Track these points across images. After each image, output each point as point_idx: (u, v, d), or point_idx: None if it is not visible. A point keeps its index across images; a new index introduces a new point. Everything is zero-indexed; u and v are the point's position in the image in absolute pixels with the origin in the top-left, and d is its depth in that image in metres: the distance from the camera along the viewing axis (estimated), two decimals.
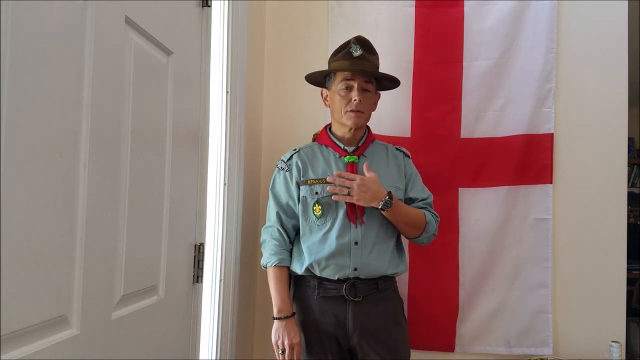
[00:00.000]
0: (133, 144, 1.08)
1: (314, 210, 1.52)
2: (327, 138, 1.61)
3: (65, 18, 0.85)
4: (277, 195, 1.59)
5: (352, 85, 1.52)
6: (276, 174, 1.62)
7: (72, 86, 0.88)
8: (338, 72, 1.54)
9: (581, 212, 1.87)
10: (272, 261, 1.53)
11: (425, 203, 1.61)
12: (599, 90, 1.87)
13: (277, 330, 1.46)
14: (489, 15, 1.92)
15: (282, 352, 1.45)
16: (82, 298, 0.91)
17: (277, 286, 1.51)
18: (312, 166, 1.57)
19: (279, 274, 1.52)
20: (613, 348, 1.73)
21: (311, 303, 1.52)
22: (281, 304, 1.48)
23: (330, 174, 1.52)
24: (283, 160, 1.61)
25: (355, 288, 1.48)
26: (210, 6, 1.49)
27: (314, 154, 1.60)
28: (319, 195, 1.52)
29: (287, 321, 1.47)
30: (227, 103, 1.65)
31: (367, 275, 1.49)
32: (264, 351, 2.01)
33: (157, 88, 1.21)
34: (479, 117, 1.93)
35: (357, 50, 1.52)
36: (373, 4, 1.98)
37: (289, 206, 1.57)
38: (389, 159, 1.62)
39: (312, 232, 1.52)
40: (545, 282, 1.87)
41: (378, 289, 1.51)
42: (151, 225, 1.19)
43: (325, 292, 1.50)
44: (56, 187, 0.84)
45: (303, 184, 1.55)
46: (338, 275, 1.48)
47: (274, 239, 1.56)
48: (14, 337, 0.76)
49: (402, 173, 1.61)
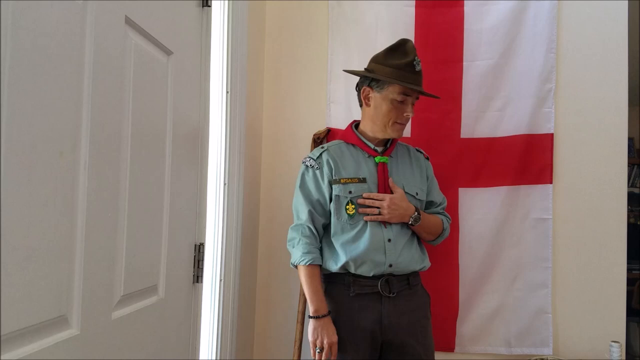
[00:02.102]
0: (133, 143, 1.08)
1: (347, 209, 1.52)
2: (355, 137, 1.60)
3: (65, 18, 0.85)
4: (307, 192, 1.57)
5: (409, 101, 1.52)
6: (304, 172, 1.59)
7: (72, 86, 0.88)
8: (401, 84, 1.50)
9: (581, 212, 1.87)
10: (305, 259, 1.51)
11: (442, 207, 1.68)
12: (599, 90, 1.87)
13: (315, 329, 1.46)
14: (489, 15, 1.92)
15: (319, 351, 1.45)
16: (82, 298, 0.91)
17: (312, 285, 1.50)
18: (342, 165, 1.56)
19: (312, 273, 1.51)
20: (613, 348, 1.73)
21: (346, 300, 1.52)
22: (318, 303, 1.48)
23: (360, 174, 1.53)
24: (312, 157, 1.59)
25: (389, 284, 1.50)
26: (210, 6, 1.49)
27: (342, 152, 1.59)
28: (352, 194, 1.52)
29: (324, 320, 1.47)
30: (227, 103, 1.65)
31: (400, 271, 1.51)
32: (264, 351, 2.02)
33: (157, 88, 1.21)
34: (479, 117, 1.93)
35: (418, 65, 1.51)
36: (373, 4, 1.98)
37: (320, 204, 1.55)
38: (412, 160, 1.64)
39: (344, 231, 1.52)
40: (545, 282, 1.87)
41: (409, 284, 1.54)
42: (151, 225, 1.19)
43: (360, 289, 1.50)
44: (56, 187, 0.84)
45: (336, 182, 1.54)
46: (374, 272, 1.49)
47: (305, 237, 1.54)
48: (14, 337, 0.76)
49: (424, 175, 1.64)
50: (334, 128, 1.98)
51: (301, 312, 1.88)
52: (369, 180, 1.53)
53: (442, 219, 1.64)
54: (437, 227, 1.61)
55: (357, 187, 1.52)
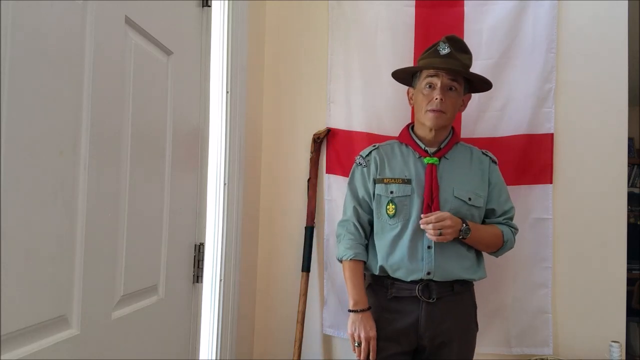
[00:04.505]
0: (133, 143, 1.08)
1: (387, 209, 1.51)
2: (408, 137, 1.59)
3: (65, 18, 0.85)
4: (354, 189, 1.59)
5: (436, 84, 1.48)
6: (355, 169, 1.62)
7: (72, 86, 0.88)
8: (423, 69, 1.51)
9: (581, 212, 1.87)
10: (347, 255, 1.52)
11: (506, 218, 1.58)
12: (599, 90, 1.87)
13: (353, 323, 1.46)
14: (489, 15, 1.92)
15: (357, 345, 1.45)
16: (82, 298, 0.91)
17: (352, 279, 1.50)
18: (389, 164, 1.55)
19: (354, 268, 1.51)
20: (613, 348, 1.73)
21: (384, 303, 1.52)
22: (357, 297, 1.48)
23: (407, 174, 1.52)
24: (362, 155, 1.61)
25: (429, 289, 1.47)
26: (210, 6, 1.49)
27: (393, 152, 1.59)
28: (394, 194, 1.50)
29: (363, 314, 1.47)
30: (227, 103, 1.65)
31: (441, 278, 1.47)
32: (264, 351, 2.01)
33: (157, 88, 1.21)
34: (479, 117, 1.93)
35: (445, 49, 1.48)
36: (373, 4, 1.98)
37: (365, 201, 1.56)
38: (472, 163, 1.58)
39: (384, 231, 1.51)
40: (545, 282, 1.87)
41: (453, 291, 1.50)
42: (151, 225, 1.19)
43: (398, 292, 1.50)
44: (56, 186, 0.84)
45: (379, 182, 1.54)
46: (411, 277, 1.47)
47: (349, 232, 1.55)
48: (14, 337, 0.76)
49: (486, 180, 1.58)
50: (334, 128, 1.98)
51: (301, 312, 1.88)
52: (414, 182, 1.51)
53: (502, 229, 1.55)
54: (494, 239, 1.53)
55: (399, 188, 1.51)
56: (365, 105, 1.96)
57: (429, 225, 1.42)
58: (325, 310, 1.96)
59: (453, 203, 1.49)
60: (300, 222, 1.97)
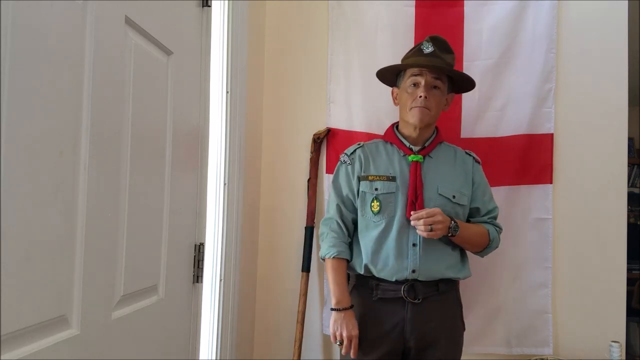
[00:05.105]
0: (133, 143, 1.08)
1: (372, 206, 1.51)
2: (393, 135, 1.60)
3: (65, 18, 0.85)
4: (338, 187, 1.59)
5: (420, 82, 1.49)
6: (339, 167, 1.62)
7: (72, 86, 0.88)
8: (407, 69, 1.53)
9: (581, 212, 1.87)
10: (330, 253, 1.52)
11: (491, 217, 1.60)
12: (599, 90, 1.87)
13: (335, 322, 1.46)
14: (489, 15, 1.92)
15: (339, 344, 1.45)
16: (82, 298, 0.91)
17: (335, 278, 1.50)
18: (374, 162, 1.56)
19: (337, 266, 1.51)
20: (613, 348, 1.73)
21: (369, 304, 1.51)
22: (340, 296, 1.48)
23: (392, 172, 1.52)
24: (346, 154, 1.61)
25: (414, 290, 1.47)
26: (210, 6, 1.49)
27: (378, 150, 1.59)
28: (379, 191, 1.51)
29: (345, 313, 1.46)
30: (227, 103, 1.65)
31: (426, 277, 1.47)
32: (264, 351, 2.01)
33: (157, 88, 1.21)
34: (479, 117, 1.93)
35: (428, 47, 1.50)
36: (373, 4, 1.98)
37: (349, 199, 1.57)
38: (456, 162, 1.59)
39: (369, 229, 1.51)
40: (545, 282, 1.87)
41: (439, 291, 1.50)
42: (151, 225, 1.19)
43: (383, 294, 1.49)
44: (56, 186, 0.84)
45: (363, 179, 1.54)
46: (396, 277, 1.47)
47: (332, 231, 1.55)
48: (14, 337, 0.76)
49: (470, 179, 1.58)
50: (334, 128, 1.98)
51: (301, 312, 1.88)
52: (398, 179, 1.51)
53: (488, 228, 1.56)
54: (481, 237, 1.54)
55: (384, 185, 1.51)
56: (365, 105, 1.96)
57: (420, 221, 1.41)
58: (325, 310, 1.95)
59: (437, 200, 1.50)
60: (300, 222, 1.97)
